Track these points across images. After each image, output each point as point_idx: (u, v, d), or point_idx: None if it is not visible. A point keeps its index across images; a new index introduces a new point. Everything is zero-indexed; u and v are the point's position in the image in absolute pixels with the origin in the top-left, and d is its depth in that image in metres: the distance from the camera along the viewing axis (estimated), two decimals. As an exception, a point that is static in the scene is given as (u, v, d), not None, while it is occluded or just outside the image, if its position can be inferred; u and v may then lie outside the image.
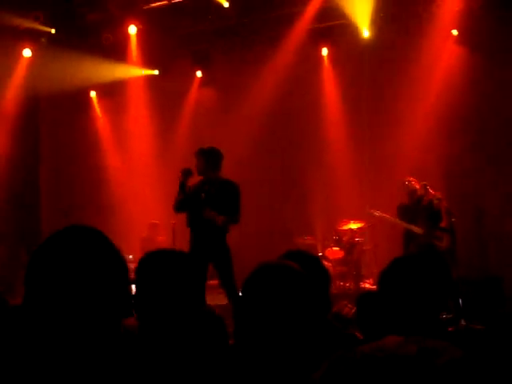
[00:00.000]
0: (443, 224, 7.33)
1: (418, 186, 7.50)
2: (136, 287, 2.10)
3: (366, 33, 9.02)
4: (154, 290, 2.05)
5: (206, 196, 6.15)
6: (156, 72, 10.29)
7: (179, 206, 6.23)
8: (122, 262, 1.29)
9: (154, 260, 2.16)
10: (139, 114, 10.50)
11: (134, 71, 10.03)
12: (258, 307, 1.42)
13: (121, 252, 1.31)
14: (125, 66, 9.83)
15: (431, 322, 2.13)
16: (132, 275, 2.24)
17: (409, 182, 7.60)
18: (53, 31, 8.94)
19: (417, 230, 7.44)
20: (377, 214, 7.97)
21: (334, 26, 9.40)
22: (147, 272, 2.11)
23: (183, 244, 6.87)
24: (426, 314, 2.12)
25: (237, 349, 1.48)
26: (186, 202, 6.18)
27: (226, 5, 8.91)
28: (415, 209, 7.53)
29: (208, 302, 4.02)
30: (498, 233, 8.42)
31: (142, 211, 9.92)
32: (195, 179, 6.34)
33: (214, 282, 7.58)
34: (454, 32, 8.88)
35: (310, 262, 2.46)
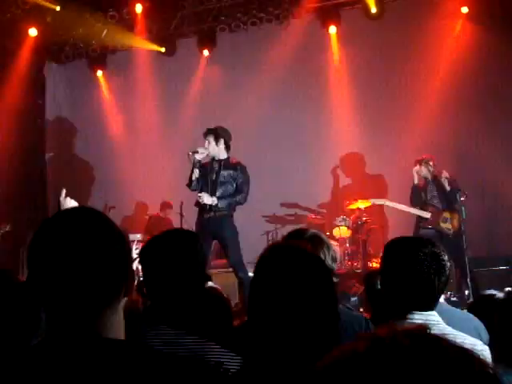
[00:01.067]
0: (454, 204, 7.29)
1: (432, 163, 7.42)
2: (142, 266, 2.11)
3: (373, 9, 8.97)
4: (159, 269, 2.06)
5: (216, 177, 6.32)
6: (163, 50, 10.22)
7: (193, 184, 6.38)
8: (123, 241, 1.30)
9: (159, 239, 2.16)
10: (147, 93, 10.45)
11: (142, 43, 9.96)
12: (271, 287, 1.43)
13: (122, 232, 1.31)
14: (132, 37, 9.76)
15: (434, 303, 2.14)
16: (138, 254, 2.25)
17: (421, 162, 7.50)
18: (57, 9, 8.87)
19: (424, 214, 7.42)
20: (382, 203, 7.96)
21: (342, 3, 9.32)
22: (152, 251, 2.11)
23: (190, 223, 6.93)
24: (427, 295, 2.12)
25: (250, 326, 1.49)
26: (198, 180, 6.36)
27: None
28: (427, 189, 7.50)
29: (216, 282, 4.05)
30: (509, 212, 8.37)
31: (152, 191, 9.93)
32: (207, 158, 6.49)
33: (221, 261, 7.61)
34: (464, 9, 8.77)
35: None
